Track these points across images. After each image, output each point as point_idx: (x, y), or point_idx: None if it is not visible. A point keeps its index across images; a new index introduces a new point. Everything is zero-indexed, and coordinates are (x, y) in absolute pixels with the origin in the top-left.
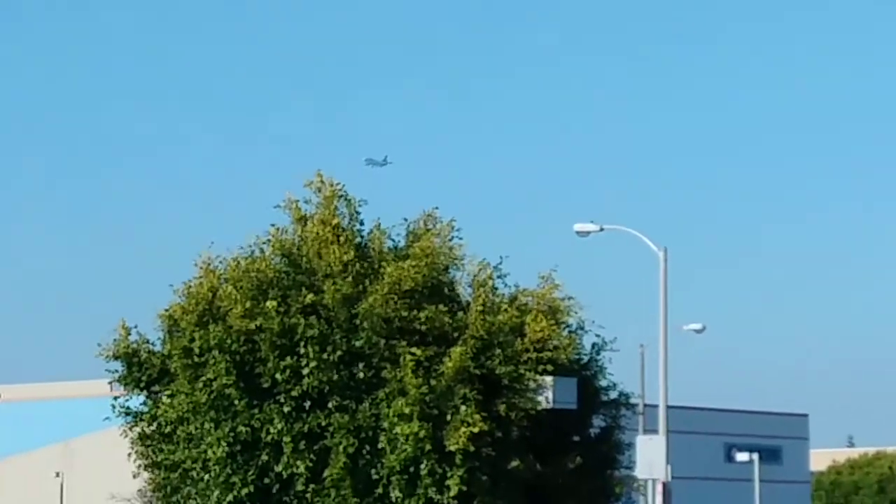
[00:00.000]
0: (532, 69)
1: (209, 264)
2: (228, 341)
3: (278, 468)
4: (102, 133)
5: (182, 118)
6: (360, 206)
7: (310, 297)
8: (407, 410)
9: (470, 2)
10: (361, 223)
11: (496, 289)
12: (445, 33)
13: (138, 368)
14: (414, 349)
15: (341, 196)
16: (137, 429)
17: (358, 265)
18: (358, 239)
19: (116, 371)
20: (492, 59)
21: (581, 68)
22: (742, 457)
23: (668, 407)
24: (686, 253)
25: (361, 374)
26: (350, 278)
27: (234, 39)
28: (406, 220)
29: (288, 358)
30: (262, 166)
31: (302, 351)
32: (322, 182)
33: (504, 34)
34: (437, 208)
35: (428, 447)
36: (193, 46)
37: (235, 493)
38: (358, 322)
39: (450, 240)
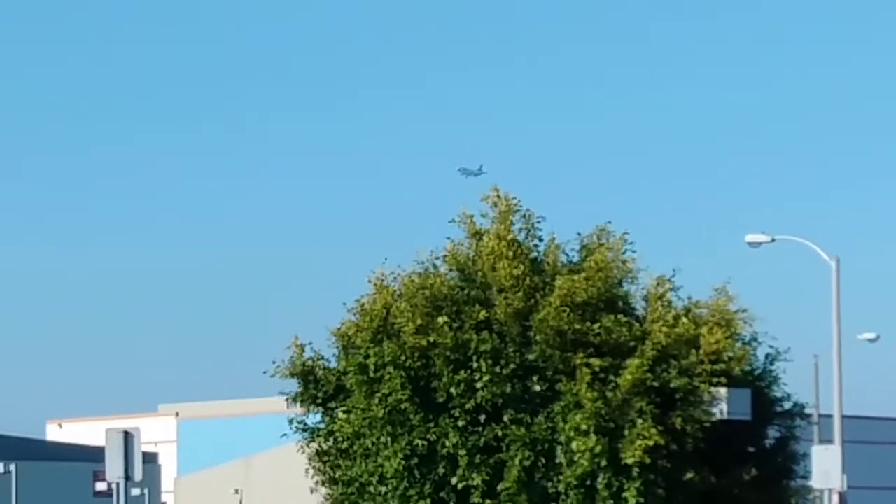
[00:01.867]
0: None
1: (382, 281)
2: (403, 357)
3: (454, 481)
4: (269, 144)
5: (356, 133)
6: (537, 221)
7: (482, 314)
8: (584, 426)
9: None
10: (540, 239)
11: (670, 302)
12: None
13: (314, 386)
14: (591, 360)
15: (517, 211)
16: (314, 445)
17: (529, 279)
18: (534, 254)
19: (292, 390)
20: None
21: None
22: None
23: (843, 417)
24: (859, 262)
25: (536, 387)
26: (521, 292)
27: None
28: (579, 234)
29: (462, 372)
30: (437, 180)
31: (475, 365)
32: (498, 197)
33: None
34: (610, 222)
35: (604, 462)
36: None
37: None
38: (531, 335)
39: (623, 253)
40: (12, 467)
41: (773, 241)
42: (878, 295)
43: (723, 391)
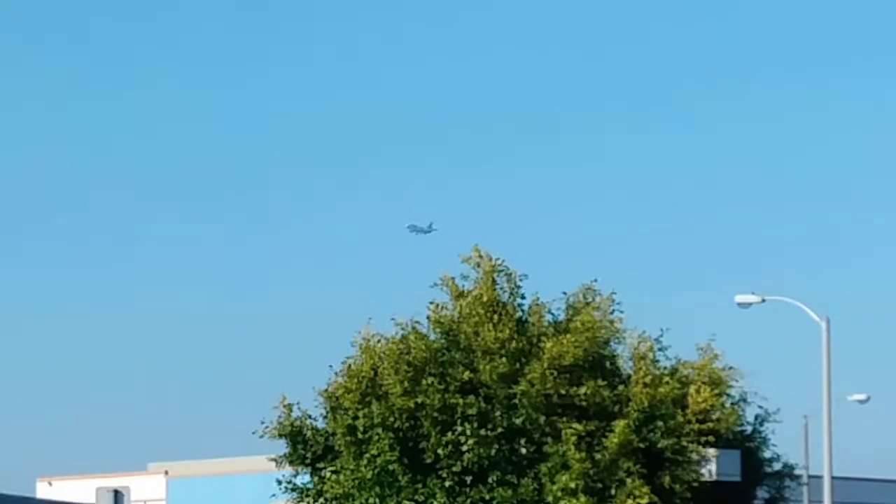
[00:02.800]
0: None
1: (368, 342)
2: (391, 419)
3: None
4: (254, 212)
5: (329, 196)
6: (520, 280)
7: (467, 375)
8: (572, 485)
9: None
10: (522, 297)
11: (657, 361)
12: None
13: (303, 446)
14: (575, 424)
15: (500, 270)
16: None
17: (515, 342)
18: (518, 314)
19: (281, 451)
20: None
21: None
22: None
23: (833, 478)
24: (849, 322)
25: (523, 450)
26: (507, 356)
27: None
28: (565, 293)
29: (449, 434)
30: (416, 244)
31: (461, 428)
32: (480, 256)
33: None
34: (595, 280)
35: None
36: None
37: None
38: (517, 399)
39: (610, 313)
40: None
41: (763, 301)
42: (868, 356)
43: (711, 451)
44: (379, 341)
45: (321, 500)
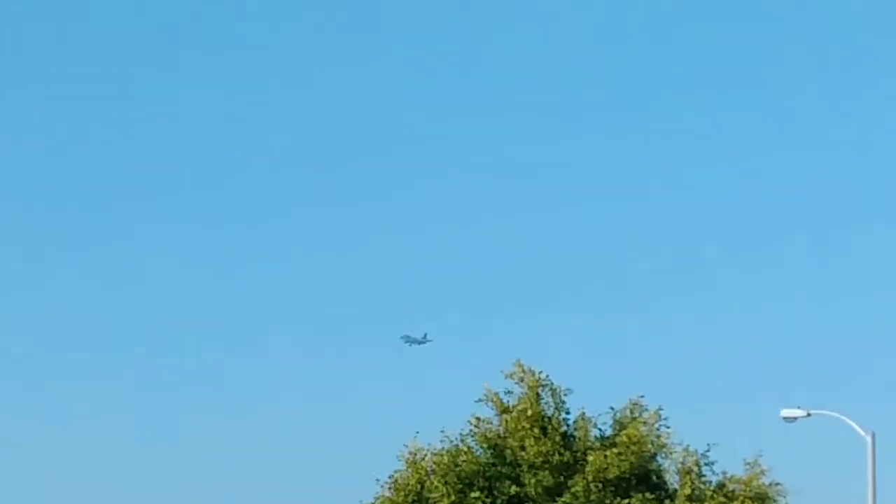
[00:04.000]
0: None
1: (415, 456)
2: None
3: None
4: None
5: (376, 312)
6: (565, 395)
7: (513, 489)
8: None
9: None
10: (567, 412)
11: (703, 476)
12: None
13: None
14: None
15: (545, 385)
16: None
17: (559, 455)
18: (563, 428)
19: None
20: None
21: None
22: None
23: None
24: (895, 436)
25: None
26: (550, 470)
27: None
28: (612, 408)
29: None
30: (462, 354)
31: None
32: (524, 372)
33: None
34: (642, 396)
35: None
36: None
37: None
38: None
39: (657, 428)
40: None
41: (808, 415)
42: None
43: None
44: (425, 456)
45: None
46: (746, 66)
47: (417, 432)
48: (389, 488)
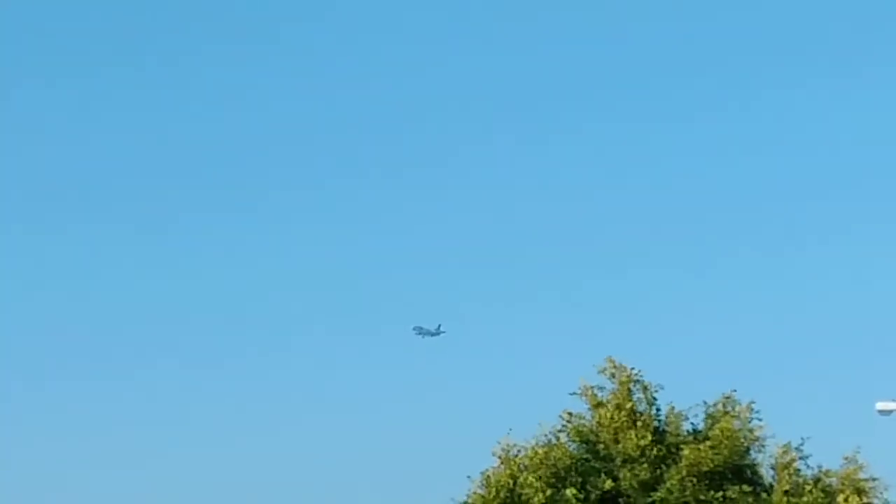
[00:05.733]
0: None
1: (508, 452)
2: None
3: None
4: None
5: (478, 312)
6: (656, 391)
7: (608, 484)
8: None
9: None
10: (658, 409)
11: (799, 470)
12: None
13: None
14: None
15: (636, 381)
16: None
17: (655, 449)
18: (655, 423)
19: None
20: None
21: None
22: None
23: None
24: None
25: None
26: (647, 464)
27: None
28: (705, 402)
29: None
30: (553, 349)
31: None
32: (615, 367)
33: None
34: (735, 391)
35: None
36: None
37: None
38: None
39: (750, 422)
40: None
41: None
42: None
43: None
44: (519, 452)
45: None
46: (769, 62)
47: (510, 429)
48: (481, 485)
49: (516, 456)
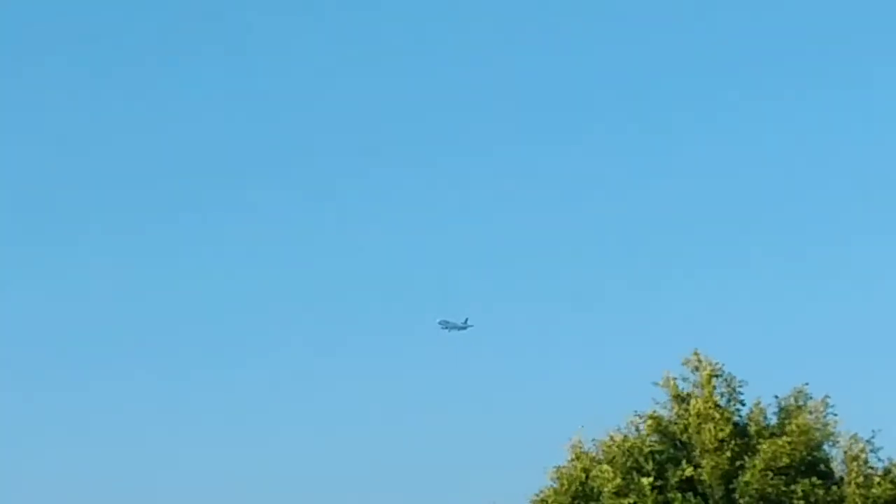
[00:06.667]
0: None
1: (580, 447)
2: None
3: None
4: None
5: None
6: (740, 386)
7: (689, 471)
8: None
9: None
10: (742, 403)
11: (868, 462)
12: None
13: None
14: None
15: (719, 375)
16: None
17: (733, 442)
18: (736, 418)
19: None
20: None
21: None
22: None
23: None
24: None
25: None
26: (727, 454)
27: None
28: (777, 397)
29: None
30: (629, 341)
31: None
32: (699, 361)
33: None
34: (807, 384)
35: None
36: None
37: None
38: (736, 496)
39: (824, 416)
40: None
41: None
42: None
43: None
44: (591, 445)
45: None
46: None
47: (582, 426)
48: (554, 479)
49: (588, 451)
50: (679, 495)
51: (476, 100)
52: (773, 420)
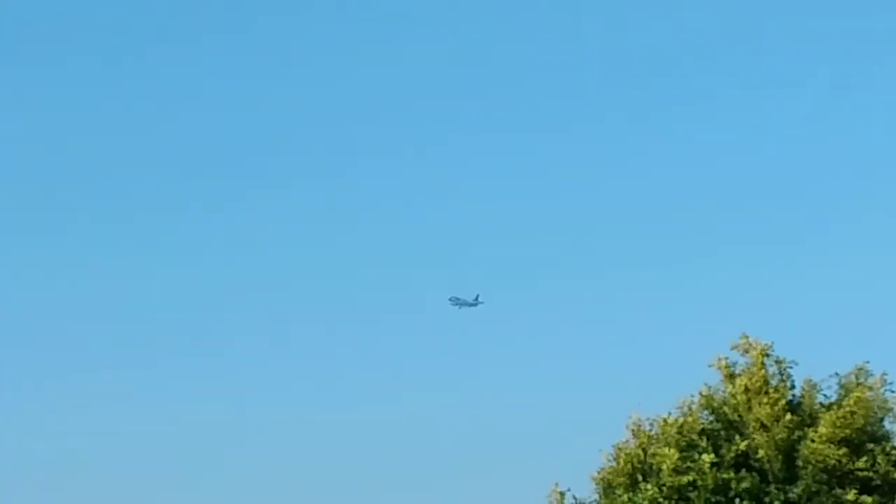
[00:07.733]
0: None
1: (639, 426)
2: (660, 499)
3: None
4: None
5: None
6: (790, 366)
7: (744, 445)
8: None
9: None
10: (793, 385)
11: None
12: None
13: None
14: (862, 497)
15: (769, 355)
16: None
17: (788, 416)
18: (788, 397)
19: None
20: None
21: None
22: None
23: None
24: None
25: None
26: (783, 427)
27: None
28: (837, 374)
29: None
30: (688, 322)
31: None
32: (749, 344)
33: None
34: (868, 362)
35: None
36: None
37: None
38: (799, 468)
39: (883, 393)
40: None
41: None
42: None
43: None
44: (650, 423)
45: None
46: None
47: (639, 403)
48: (612, 458)
49: (647, 429)
50: (734, 475)
51: (486, 86)
52: (833, 396)
